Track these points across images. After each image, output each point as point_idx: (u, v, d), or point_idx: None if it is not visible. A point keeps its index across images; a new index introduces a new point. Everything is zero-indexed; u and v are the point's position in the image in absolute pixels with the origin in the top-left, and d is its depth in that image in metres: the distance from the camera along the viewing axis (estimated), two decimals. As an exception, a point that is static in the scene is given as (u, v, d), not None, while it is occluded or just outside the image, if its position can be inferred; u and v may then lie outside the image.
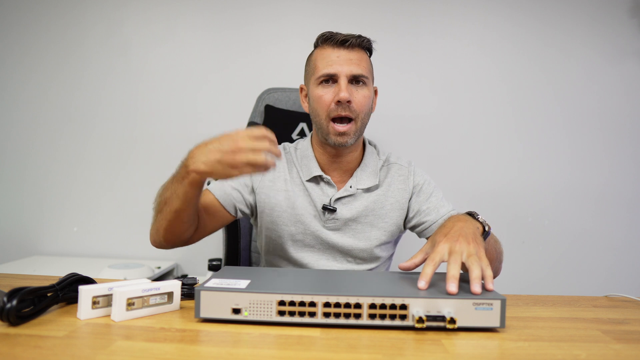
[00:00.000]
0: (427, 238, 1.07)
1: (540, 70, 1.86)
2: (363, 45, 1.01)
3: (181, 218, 0.87)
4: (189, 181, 0.79)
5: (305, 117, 1.43)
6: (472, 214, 0.86)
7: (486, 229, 0.84)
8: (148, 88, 1.87)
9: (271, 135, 0.75)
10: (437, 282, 0.70)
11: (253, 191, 1.06)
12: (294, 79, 1.77)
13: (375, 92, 1.09)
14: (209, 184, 1.05)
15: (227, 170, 0.74)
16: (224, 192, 1.02)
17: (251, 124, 1.42)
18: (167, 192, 0.86)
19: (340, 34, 0.99)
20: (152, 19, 1.86)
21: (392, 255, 1.15)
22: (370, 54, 1.06)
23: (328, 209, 1.03)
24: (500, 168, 1.87)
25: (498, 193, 1.87)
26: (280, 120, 1.42)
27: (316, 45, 1.04)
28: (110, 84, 1.87)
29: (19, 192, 1.89)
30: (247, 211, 1.06)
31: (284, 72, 1.84)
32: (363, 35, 1.01)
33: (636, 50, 1.84)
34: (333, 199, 1.04)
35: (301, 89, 1.10)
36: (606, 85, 1.86)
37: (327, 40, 1.00)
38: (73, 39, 1.86)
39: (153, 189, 2.00)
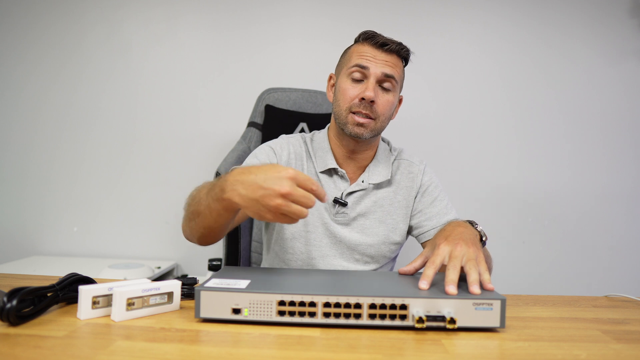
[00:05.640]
0: (422, 244, 1.09)
1: (540, 70, 1.86)
2: (401, 53, 1.01)
3: (215, 232, 0.84)
4: (223, 206, 0.73)
5: (305, 117, 1.43)
6: (471, 223, 0.87)
7: (483, 238, 0.85)
8: (148, 88, 1.87)
9: (317, 187, 0.68)
10: (438, 282, 0.70)
11: None
12: (295, 78, 1.78)
13: (400, 100, 1.10)
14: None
15: (262, 211, 0.67)
16: None
17: (252, 124, 1.42)
18: (200, 205, 0.78)
19: (383, 36, 1.00)
20: (152, 19, 1.86)
21: (395, 257, 1.15)
22: (406, 64, 1.06)
23: (339, 203, 1.03)
24: (500, 168, 1.87)
25: (498, 193, 1.87)
26: (280, 120, 1.42)
27: (357, 40, 1.05)
28: (110, 84, 1.87)
29: (19, 192, 1.89)
30: None
31: (285, 72, 1.85)
32: (404, 44, 1.02)
33: (636, 50, 1.84)
34: (345, 193, 1.04)
35: (330, 77, 1.11)
36: (606, 85, 1.86)
37: (369, 39, 1.01)
38: (73, 39, 1.86)
39: (153, 189, 2.00)
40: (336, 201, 1.04)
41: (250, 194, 0.66)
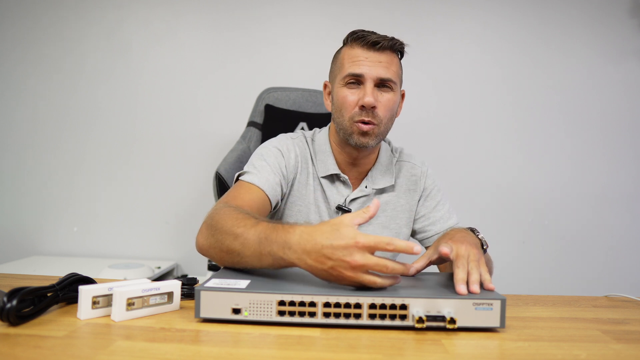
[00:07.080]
0: (426, 248, 1.08)
1: (540, 70, 1.86)
2: (395, 48, 0.96)
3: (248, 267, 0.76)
4: (281, 265, 0.68)
5: (305, 117, 1.43)
6: (472, 230, 0.87)
7: (484, 246, 0.85)
8: (148, 88, 1.87)
9: (398, 244, 0.61)
10: (438, 283, 0.70)
11: (288, 184, 1.01)
12: (294, 78, 1.78)
13: (403, 95, 1.05)
14: (239, 176, 0.96)
15: (337, 280, 0.63)
16: (273, 188, 0.95)
17: (251, 124, 1.42)
18: (246, 249, 0.70)
19: (373, 34, 0.94)
20: (152, 19, 1.86)
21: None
22: (401, 57, 1.01)
23: (343, 210, 1.01)
24: (501, 168, 1.87)
25: (498, 193, 1.87)
26: (280, 119, 1.42)
27: (345, 43, 0.99)
28: (110, 84, 1.87)
29: (19, 192, 1.89)
30: (278, 203, 1.01)
31: (284, 71, 1.85)
32: (396, 38, 0.96)
33: (636, 50, 1.84)
34: (348, 200, 1.02)
35: (325, 85, 1.06)
36: (606, 85, 1.86)
37: (358, 39, 0.95)
38: (73, 39, 1.86)
39: (153, 189, 2.00)
40: (339, 208, 1.01)
41: (319, 265, 0.63)
